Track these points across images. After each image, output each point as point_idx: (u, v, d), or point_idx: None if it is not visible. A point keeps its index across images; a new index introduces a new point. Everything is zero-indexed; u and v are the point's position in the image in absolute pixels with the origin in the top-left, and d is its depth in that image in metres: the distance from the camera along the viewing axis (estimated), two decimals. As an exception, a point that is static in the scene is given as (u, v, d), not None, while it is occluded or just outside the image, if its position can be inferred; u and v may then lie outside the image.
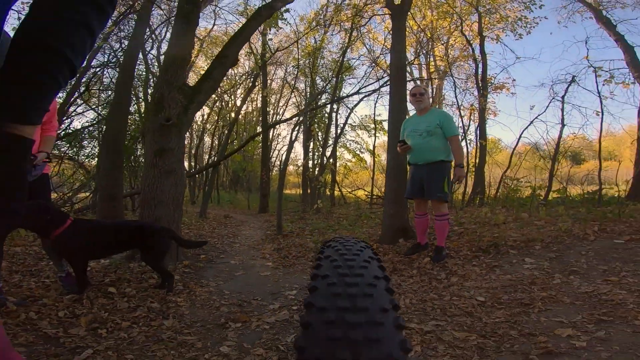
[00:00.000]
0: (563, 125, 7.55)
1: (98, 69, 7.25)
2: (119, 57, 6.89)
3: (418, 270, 2.67)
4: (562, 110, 7.57)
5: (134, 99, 7.78)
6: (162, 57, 9.16)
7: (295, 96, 12.76)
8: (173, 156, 3.29)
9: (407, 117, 4.14)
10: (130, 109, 6.58)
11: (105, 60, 7.23)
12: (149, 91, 7.97)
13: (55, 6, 0.49)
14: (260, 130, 10.68)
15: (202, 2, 4.80)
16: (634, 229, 3.29)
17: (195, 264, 3.12)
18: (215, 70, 3.79)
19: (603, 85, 7.97)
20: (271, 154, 15.31)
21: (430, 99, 10.94)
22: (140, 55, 7.19)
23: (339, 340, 0.57)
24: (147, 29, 7.18)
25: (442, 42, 11.23)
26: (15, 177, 0.51)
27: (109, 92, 7.74)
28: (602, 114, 7.31)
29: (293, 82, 12.12)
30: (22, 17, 0.50)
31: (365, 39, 11.01)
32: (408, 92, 3.82)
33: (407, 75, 5.96)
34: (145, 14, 5.60)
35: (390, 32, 5.78)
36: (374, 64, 9.77)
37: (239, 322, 1.81)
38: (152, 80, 8.02)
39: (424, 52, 11.45)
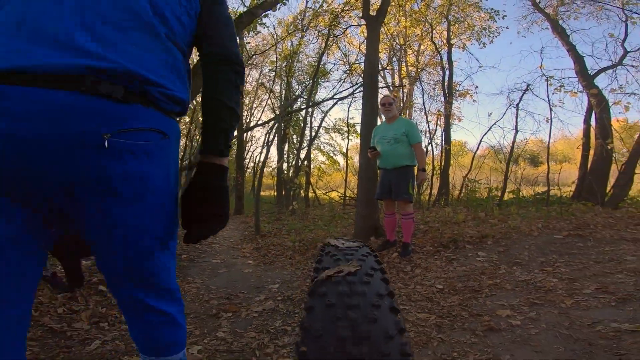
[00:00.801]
0: (517, 131, 8.29)
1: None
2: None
3: (387, 264, 2.98)
4: (517, 117, 8.31)
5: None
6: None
7: (270, 98, 12.87)
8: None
9: (378, 123, 4.47)
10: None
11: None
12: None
13: (228, 82, 0.79)
14: (236, 133, 10.71)
15: None
16: (573, 225, 3.82)
17: (178, 263, 3.24)
18: (199, 71, 3.91)
19: (553, 93, 8.80)
20: (245, 155, 15.28)
21: (402, 104, 11.40)
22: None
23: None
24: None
25: (414, 50, 11.84)
26: (226, 191, 0.77)
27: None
28: (551, 121, 8.11)
29: (270, 84, 12.24)
30: None
31: (341, 43, 11.40)
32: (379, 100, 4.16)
33: (380, 80, 6.34)
34: None
35: (365, 38, 6.12)
36: (348, 71, 10.13)
37: (229, 312, 2.01)
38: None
39: (397, 57, 12.00)
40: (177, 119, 0.80)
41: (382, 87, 7.18)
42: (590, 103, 8.15)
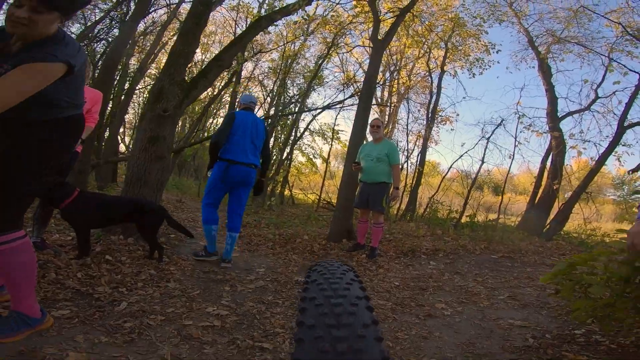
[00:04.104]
0: (482, 162, 9.26)
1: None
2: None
3: (356, 263, 3.55)
4: (485, 148, 9.25)
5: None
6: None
7: (263, 94, 13.17)
8: (164, 144, 3.72)
9: (365, 142, 5.06)
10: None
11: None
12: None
13: (268, 165, 1.81)
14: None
15: (213, 4, 5.10)
16: (508, 249, 4.60)
17: (170, 242, 3.60)
18: (212, 71, 4.25)
19: (521, 132, 9.74)
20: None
21: (387, 117, 12.04)
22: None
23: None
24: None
25: (408, 69, 12.54)
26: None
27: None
28: (513, 157, 9.09)
29: (269, 83, 12.56)
30: None
31: (341, 51, 11.86)
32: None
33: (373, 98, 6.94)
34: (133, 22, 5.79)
35: (366, 49, 6.61)
36: (344, 83, 10.67)
37: (227, 285, 2.46)
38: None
39: (390, 71, 12.66)
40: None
41: (373, 105, 7.77)
42: (551, 145, 9.13)
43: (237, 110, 3.36)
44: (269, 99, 13.03)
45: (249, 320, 1.91)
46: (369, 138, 4.82)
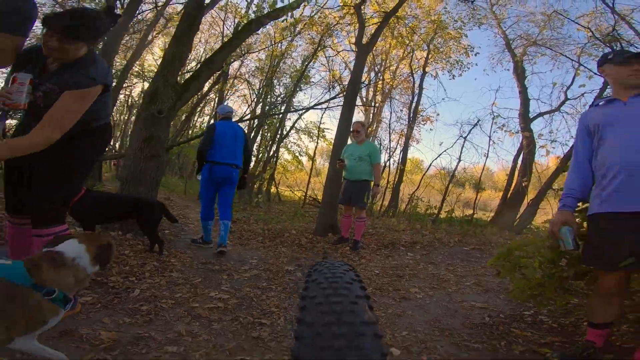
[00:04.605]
0: (459, 160, 9.77)
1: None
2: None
3: (341, 254, 3.87)
4: (462, 147, 9.78)
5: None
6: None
7: (250, 92, 13.27)
8: (159, 143, 3.91)
9: (349, 142, 5.37)
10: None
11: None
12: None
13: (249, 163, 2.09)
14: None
15: (206, 7, 5.23)
16: (479, 242, 5.02)
17: (166, 237, 3.81)
18: (203, 74, 4.45)
19: (495, 132, 10.36)
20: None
21: (372, 116, 12.36)
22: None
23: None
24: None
25: (391, 71, 12.95)
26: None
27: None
28: (487, 156, 9.64)
29: (256, 82, 12.67)
30: None
31: (328, 53, 12.11)
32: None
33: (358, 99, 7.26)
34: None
35: (351, 46, 6.85)
36: (330, 84, 10.94)
37: (224, 274, 2.73)
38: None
39: (375, 71, 13.03)
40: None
41: (357, 105, 8.09)
42: (522, 144, 9.72)
43: (217, 120, 3.81)
44: (255, 97, 13.18)
45: (248, 302, 2.19)
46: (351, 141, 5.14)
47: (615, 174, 1.44)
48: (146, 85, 11.83)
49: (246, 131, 12.60)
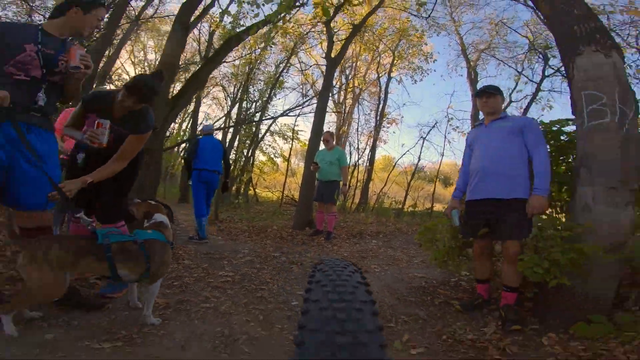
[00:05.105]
0: (419, 159, 10.91)
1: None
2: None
3: (317, 244, 4.65)
4: (422, 147, 10.93)
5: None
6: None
7: (225, 96, 13.70)
8: (156, 154, 4.49)
9: (321, 147, 6.15)
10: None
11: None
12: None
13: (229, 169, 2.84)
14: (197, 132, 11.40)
15: (190, 26, 5.64)
16: (433, 231, 6.00)
17: (166, 235, 4.42)
18: (190, 90, 5.06)
19: (449, 133, 11.66)
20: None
21: (343, 119, 13.18)
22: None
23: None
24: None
25: (361, 74, 13.88)
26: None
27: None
28: (443, 154, 10.87)
29: (230, 86, 13.11)
30: None
31: (301, 56, 12.77)
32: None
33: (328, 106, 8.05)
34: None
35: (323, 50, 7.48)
36: (304, 94, 11.66)
37: (224, 261, 3.42)
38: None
39: (346, 75, 13.90)
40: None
41: (328, 111, 8.86)
42: (471, 143, 11.00)
43: (201, 136, 4.73)
44: (230, 102, 13.65)
45: (248, 277, 2.91)
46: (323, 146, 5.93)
47: (474, 175, 2.34)
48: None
49: (226, 136, 13.04)
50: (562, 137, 2.51)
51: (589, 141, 1.97)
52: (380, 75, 13.02)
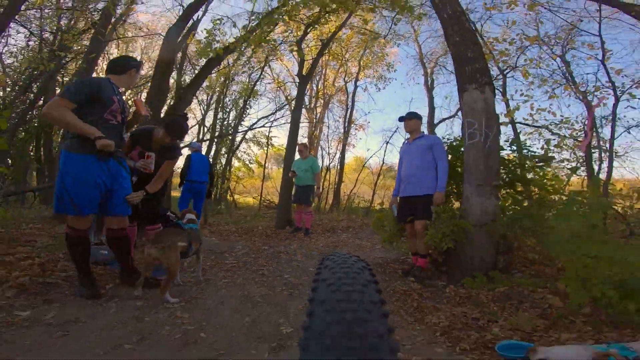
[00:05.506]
0: (383, 162, 12.17)
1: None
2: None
3: (297, 238, 5.61)
4: (385, 151, 12.23)
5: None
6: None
7: (200, 108, 14.25)
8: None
9: (296, 156, 7.10)
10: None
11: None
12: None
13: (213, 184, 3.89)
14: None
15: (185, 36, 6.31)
16: (394, 224, 7.14)
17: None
18: (179, 108, 5.83)
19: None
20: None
21: (314, 122, 14.13)
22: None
23: None
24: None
25: (329, 81, 14.91)
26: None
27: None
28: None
29: (204, 97, 13.67)
30: None
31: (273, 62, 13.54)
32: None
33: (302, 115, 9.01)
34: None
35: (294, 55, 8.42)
36: (279, 106, 12.49)
37: (226, 254, 4.28)
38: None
39: (316, 81, 14.88)
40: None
41: (302, 123, 9.78)
42: (429, 146, 12.44)
43: (192, 152, 5.70)
44: (203, 112, 14.22)
45: (249, 263, 3.81)
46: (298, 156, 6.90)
47: (402, 180, 3.42)
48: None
49: (210, 148, 13.56)
50: (461, 150, 3.64)
51: (467, 154, 3.10)
52: (347, 81, 14.15)
